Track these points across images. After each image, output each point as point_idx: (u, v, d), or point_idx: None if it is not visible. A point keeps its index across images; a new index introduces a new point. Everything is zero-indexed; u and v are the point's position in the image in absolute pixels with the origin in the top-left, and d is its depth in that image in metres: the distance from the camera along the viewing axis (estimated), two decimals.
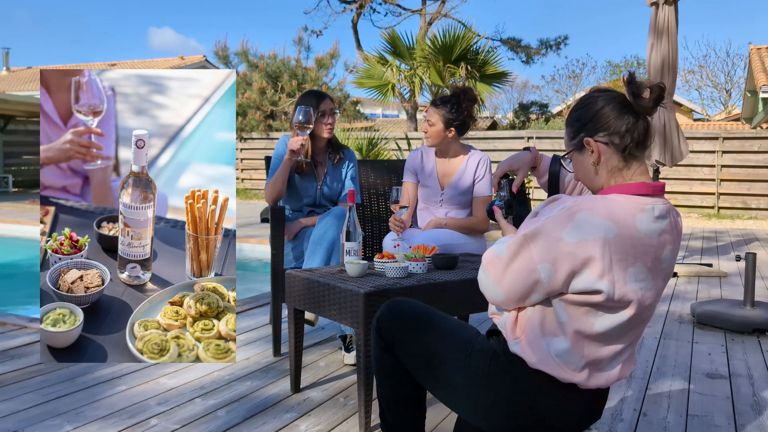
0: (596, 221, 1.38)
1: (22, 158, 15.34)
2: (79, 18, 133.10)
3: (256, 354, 2.98)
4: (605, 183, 1.51)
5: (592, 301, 1.41)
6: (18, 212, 9.98)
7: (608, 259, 1.38)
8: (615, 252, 1.38)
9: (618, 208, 1.41)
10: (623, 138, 1.47)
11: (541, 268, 1.41)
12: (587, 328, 1.43)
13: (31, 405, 2.32)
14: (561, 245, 1.38)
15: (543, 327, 1.47)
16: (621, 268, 1.40)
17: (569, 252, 1.38)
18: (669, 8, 5.30)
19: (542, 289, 1.43)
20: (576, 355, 1.45)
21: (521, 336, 1.50)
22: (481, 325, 3.53)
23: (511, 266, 1.46)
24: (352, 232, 2.43)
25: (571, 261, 1.38)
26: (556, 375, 1.47)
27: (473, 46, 12.10)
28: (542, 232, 1.41)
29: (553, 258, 1.39)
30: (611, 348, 1.47)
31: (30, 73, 24.59)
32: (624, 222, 1.40)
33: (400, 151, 9.67)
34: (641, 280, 1.43)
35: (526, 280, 1.44)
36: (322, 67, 15.28)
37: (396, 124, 22.56)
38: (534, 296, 1.45)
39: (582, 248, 1.37)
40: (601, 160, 1.49)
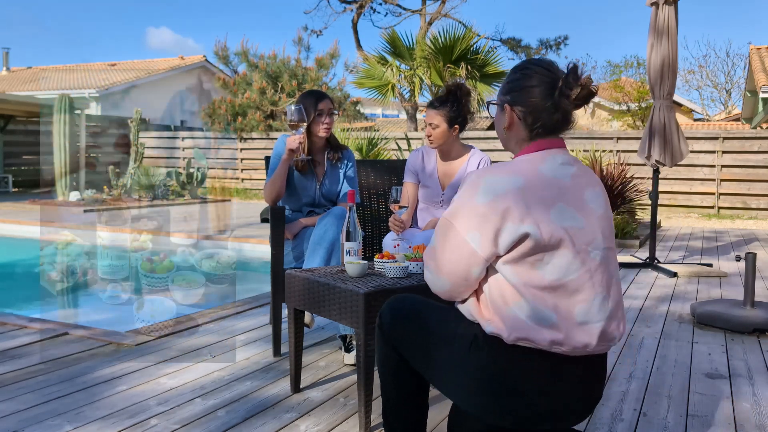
0: (501, 179, 1.48)
1: (22, 158, 15.32)
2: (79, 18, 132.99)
3: (256, 354, 2.98)
4: (512, 147, 1.63)
5: (526, 250, 1.44)
6: (18, 212, 9.98)
7: (523, 204, 1.44)
8: (529, 197, 1.45)
9: (518, 165, 1.52)
10: (536, 120, 1.56)
11: (469, 238, 1.47)
12: (539, 280, 1.46)
13: (31, 405, 2.32)
14: (477, 210, 1.46)
15: (504, 297, 1.49)
16: (540, 210, 1.45)
17: (486, 212, 1.45)
18: (669, 8, 5.30)
19: (478, 259, 1.47)
20: (544, 311, 1.46)
21: (490, 315, 1.52)
22: None
23: (445, 250, 1.52)
24: (352, 232, 2.43)
25: (491, 219, 1.44)
26: (534, 338, 1.46)
27: (473, 46, 12.10)
28: (458, 207, 1.50)
29: (475, 224, 1.46)
30: (580, 297, 1.48)
31: (30, 73, 24.58)
32: (528, 173, 1.49)
33: (400, 151, 9.67)
34: (568, 219, 1.47)
35: (460, 256, 1.49)
36: (322, 67, 15.27)
37: (396, 124, 22.56)
38: (475, 270, 1.49)
39: (496, 204, 1.45)
40: (512, 128, 1.60)
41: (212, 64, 21.92)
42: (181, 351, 2.99)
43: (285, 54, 16.47)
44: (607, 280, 1.53)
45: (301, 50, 15.94)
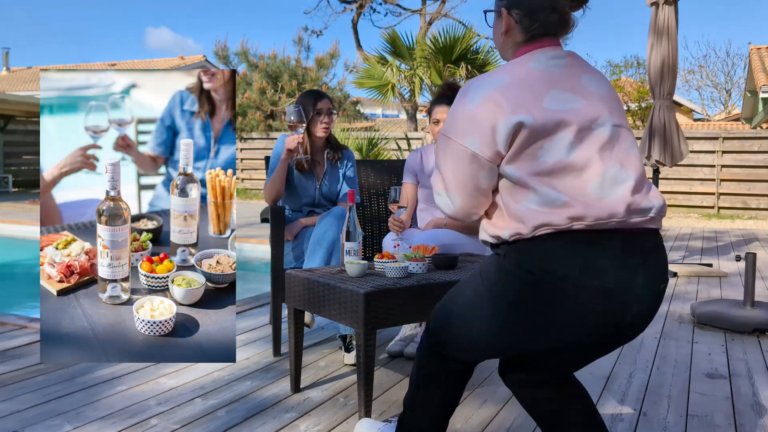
0: (487, 80, 1.46)
1: (22, 158, 15.33)
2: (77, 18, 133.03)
3: (256, 354, 2.98)
4: (509, 54, 1.59)
5: (523, 140, 1.40)
6: (18, 212, 9.98)
7: (513, 97, 1.41)
8: (518, 90, 1.42)
9: (506, 67, 1.49)
10: (533, 21, 1.52)
11: (467, 144, 1.44)
12: (542, 165, 1.41)
13: (31, 405, 2.32)
14: (468, 114, 1.44)
15: (514, 197, 1.45)
16: (533, 99, 1.41)
17: (477, 114, 1.43)
18: (669, 8, 5.30)
19: (482, 162, 1.45)
20: (553, 193, 1.40)
21: (506, 222, 1.47)
22: None
23: (447, 165, 1.50)
24: (352, 232, 2.43)
25: (484, 118, 1.42)
26: (551, 221, 1.38)
27: (473, 46, 12.09)
28: (450, 120, 1.49)
29: (470, 128, 1.44)
30: (589, 173, 1.40)
31: (30, 73, 24.59)
32: (516, 71, 1.46)
33: (400, 151, 9.67)
34: (565, 102, 1.43)
35: (464, 165, 1.46)
36: (322, 67, 15.28)
37: (396, 124, 22.56)
38: (482, 176, 1.46)
39: (486, 105, 1.42)
40: (509, 33, 1.56)
41: (212, 63, 21.93)
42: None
43: (285, 54, 16.50)
44: (620, 154, 1.44)
45: (301, 50, 15.95)
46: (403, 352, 2.95)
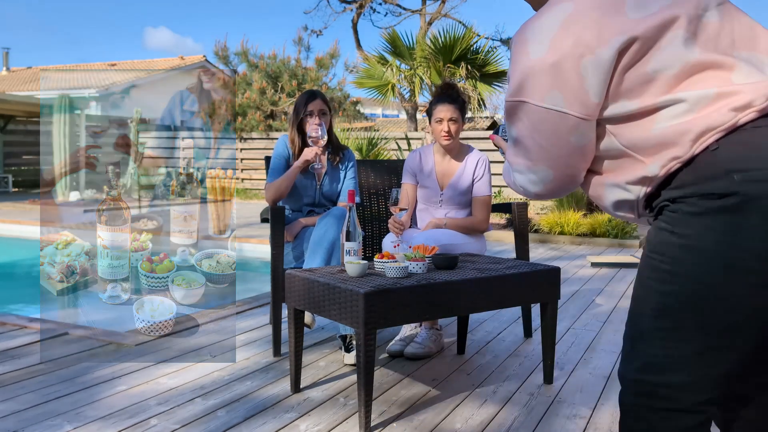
0: (546, 17, 1.15)
1: (22, 158, 15.33)
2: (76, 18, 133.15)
3: (256, 354, 2.98)
4: None
5: (624, 68, 1.11)
6: (18, 212, 9.98)
7: (590, 23, 1.11)
8: (593, 13, 1.12)
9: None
10: None
11: (548, 103, 1.14)
12: (663, 80, 1.10)
13: (31, 405, 2.32)
14: (538, 65, 1.14)
15: (640, 126, 1.12)
16: (614, 16, 1.11)
17: (551, 61, 1.12)
18: None
19: (573, 121, 1.14)
20: (695, 93, 1.08)
21: (636, 160, 1.15)
22: (481, 325, 3.54)
23: (525, 135, 1.19)
24: (352, 232, 2.43)
25: (564, 66, 1.12)
26: (713, 124, 1.06)
27: (473, 46, 12.09)
28: (516, 80, 1.17)
29: (547, 83, 1.14)
30: (722, 66, 1.10)
31: (30, 73, 24.58)
32: None
33: (400, 151, 9.67)
34: (650, 3, 1.12)
35: (549, 130, 1.17)
36: (322, 67, 15.27)
37: (396, 124, 22.56)
38: (575, 138, 1.16)
39: (558, 44, 1.12)
40: None
41: (212, 63, 21.93)
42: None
43: (285, 54, 16.49)
44: (743, 32, 1.14)
45: (301, 50, 15.94)
46: (403, 352, 2.95)
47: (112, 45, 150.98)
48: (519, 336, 3.35)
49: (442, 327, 3.24)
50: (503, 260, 2.78)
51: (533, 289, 2.54)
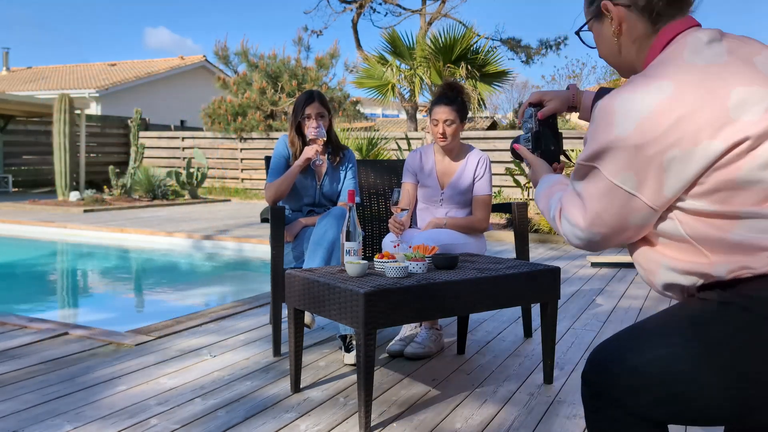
0: (642, 94, 1.07)
1: (22, 158, 15.32)
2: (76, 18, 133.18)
3: (256, 354, 2.98)
4: (633, 59, 1.24)
5: (717, 171, 1.05)
6: (18, 212, 9.98)
7: (687, 113, 1.04)
8: (692, 101, 1.05)
9: (655, 68, 1.11)
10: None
11: (620, 181, 1.10)
12: (739, 178, 1.05)
13: (31, 405, 2.32)
14: (621, 143, 1.08)
15: (713, 225, 1.09)
16: (715, 110, 1.03)
17: (634, 144, 1.07)
18: None
19: (639, 205, 1.11)
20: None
21: (703, 255, 1.11)
22: (481, 325, 3.54)
23: (585, 197, 1.16)
24: (352, 232, 2.43)
25: (648, 153, 1.07)
26: None
27: (473, 46, 12.09)
28: (594, 147, 1.12)
29: (624, 162, 1.09)
30: None
31: (30, 73, 24.58)
32: (673, 71, 1.08)
33: (400, 151, 9.67)
34: (756, 100, 1.04)
35: (611, 204, 1.13)
36: (322, 67, 15.27)
37: (396, 124, 22.56)
38: (635, 218, 1.13)
39: (647, 130, 1.06)
40: (622, 30, 1.22)
41: (212, 63, 21.93)
42: (181, 351, 2.99)
43: (285, 54, 16.48)
44: None
45: (301, 50, 15.93)
46: (403, 352, 2.95)
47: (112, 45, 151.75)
48: (519, 336, 3.35)
49: (442, 327, 3.24)
50: (503, 260, 2.78)
51: (533, 289, 2.54)
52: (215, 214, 10.19)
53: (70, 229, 8.34)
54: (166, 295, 5.44)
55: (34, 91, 20.11)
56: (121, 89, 20.32)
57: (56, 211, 10.24)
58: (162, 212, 10.37)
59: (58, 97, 11.81)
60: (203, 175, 13.16)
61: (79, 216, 9.60)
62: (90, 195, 11.17)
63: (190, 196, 12.94)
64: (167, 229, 7.91)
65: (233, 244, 7.14)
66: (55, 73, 23.67)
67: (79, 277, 6.43)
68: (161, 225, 8.45)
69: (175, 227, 8.15)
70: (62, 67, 24.83)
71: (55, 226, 8.49)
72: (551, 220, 1.30)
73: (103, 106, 19.81)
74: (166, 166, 14.84)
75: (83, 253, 7.80)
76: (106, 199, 11.34)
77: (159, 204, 11.60)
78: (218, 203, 12.61)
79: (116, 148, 16.29)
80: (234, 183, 14.70)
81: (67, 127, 11.70)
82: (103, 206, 10.61)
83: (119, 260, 7.31)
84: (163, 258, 7.29)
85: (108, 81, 20.55)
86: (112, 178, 12.07)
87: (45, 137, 15.01)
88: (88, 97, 18.02)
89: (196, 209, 11.07)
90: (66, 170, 11.69)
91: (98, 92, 19.55)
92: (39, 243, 8.24)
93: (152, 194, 12.23)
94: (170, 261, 7.19)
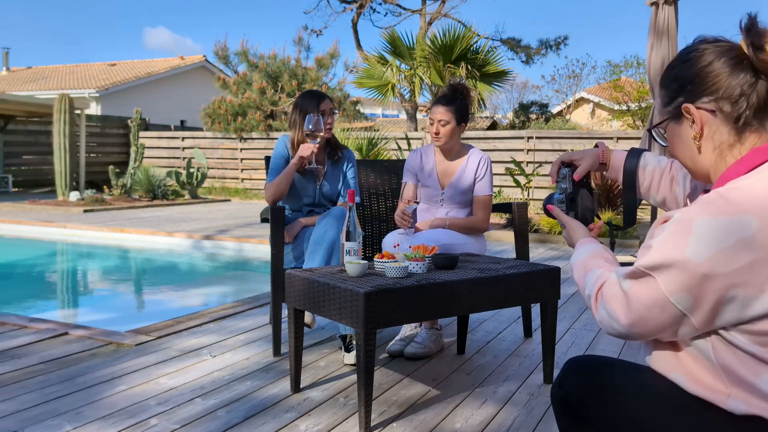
0: (723, 222, 1.03)
1: (22, 158, 15.31)
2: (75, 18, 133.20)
3: (256, 354, 2.98)
4: (711, 164, 1.19)
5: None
6: (18, 212, 9.97)
7: (762, 262, 1.02)
8: (766, 243, 1.02)
9: (742, 194, 1.06)
10: (736, 104, 1.13)
11: (675, 300, 1.08)
12: None
13: (31, 405, 2.32)
14: (688, 266, 1.05)
15: (744, 364, 1.08)
16: None
17: (702, 272, 1.04)
18: (669, 8, 5.30)
19: (687, 323, 1.09)
20: None
21: (724, 385, 1.11)
22: (481, 325, 3.54)
23: (641, 302, 1.12)
24: (352, 232, 2.43)
25: (711, 284, 1.04)
26: None
27: (473, 46, 12.09)
28: (660, 257, 1.09)
29: (685, 284, 1.06)
30: None
31: (30, 73, 24.58)
32: (761, 206, 1.04)
33: (400, 151, 9.68)
34: None
35: (660, 316, 1.10)
36: (322, 67, 15.27)
37: (396, 124, 22.57)
38: (681, 331, 1.11)
39: (719, 262, 1.02)
40: (704, 134, 1.17)
41: (212, 63, 21.93)
42: (181, 351, 2.99)
43: (285, 54, 16.49)
44: None
45: (301, 50, 15.93)
46: (403, 352, 2.95)
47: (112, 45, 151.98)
48: (519, 336, 3.35)
49: (442, 327, 3.24)
50: (503, 260, 2.78)
51: (533, 289, 2.54)
52: (215, 214, 10.19)
53: (70, 229, 8.34)
54: (166, 295, 5.44)
55: (34, 91, 20.11)
56: (121, 89, 20.32)
57: (56, 211, 10.24)
58: (162, 212, 10.37)
59: (58, 97, 11.81)
60: (203, 175, 13.16)
61: (79, 216, 9.60)
62: (90, 195, 11.17)
63: (190, 196, 12.95)
64: (167, 229, 7.91)
65: (233, 244, 7.14)
66: (55, 73, 23.67)
67: (79, 277, 6.43)
68: (161, 225, 8.45)
69: (175, 227, 8.15)
70: (62, 67, 24.82)
71: (55, 226, 8.50)
72: (586, 297, 1.27)
73: (103, 106, 19.81)
74: (166, 166, 14.84)
75: (83, 253, 7.80)
76: (106, 199, 11.34)
77: (159, 204, 11.60)
78: (218, 203, 12.61)
79: (116, 148, 16.29)
80: (234, 183, 14.70)
81: (67, 127, 11.70)
82: (103, 206, 10.61)
83: (119, 260, 7.31)
84: (163, 258, 7.29)
85: (108, 81, 20.55)
86: (112, 178, 12.07)
87: (45, 137, 15.00)
88: (88, 97, 18.02)
89: (196, 209, 11.07)
90: (66, 170, 11.69)
91: (98, 92, 19.55)
92: (39, 243, 8.23)
93: (152, 194, 12.23)
94: (170, 261, 7.19)
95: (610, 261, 1.32)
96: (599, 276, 1.24)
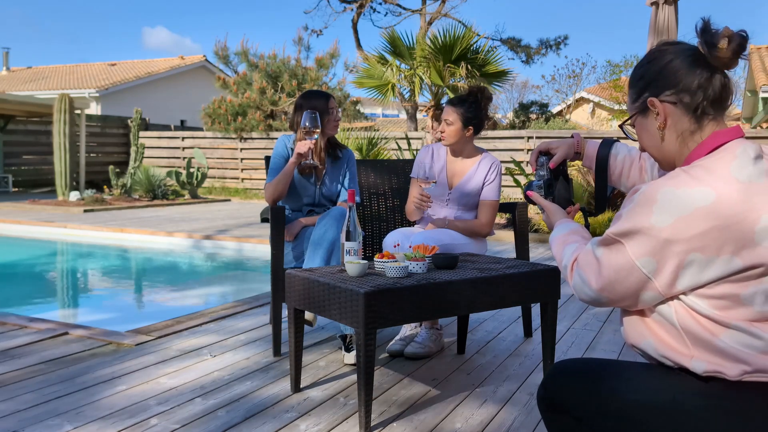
0: (685, 192, 1.15)
1: (22, 158, 15.31)
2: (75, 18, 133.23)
3: (256, 354, 2.98)
4: (675, 151, 1.31)
5: (732, 278, 1.16)
6: (18, 212, 9.98)
7: (720, 226, 1.13)
8: (727, 216, 1.13)
9: (702, 170, 1.18)
10: (694, 95, 1.26)
11: (641, 264, 1.20)
12: (748, 313, 1.18)
13: (31, 405, 2.32)
14: (652, 232, 1.17)
15: (703, 326, 1.19)
16: (740, 233, 1.13)
17: (665, 237, 1.16)
18: (669, 8, 5.30)
19: (652, 287, 1.21)
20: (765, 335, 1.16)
21: (687, 348, 1.22)
22: (481, 325, 3.54)
23: (604, 265, 1.25)
24: (352, 231, 2.43)
25: (674, 249, 1.16)
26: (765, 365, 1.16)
27: (473, 46, 12.08)
28: (627, 225, 1.21)
29: (650, 249, 1.18)
30: None
31: (30, 73, 24.58)
32: (719, 181, 1.16)
33: (400, 151, 9.68)
34: None
35: (627, 279, 1.22)
36: (322, 67, 15.27)
37: (396, 124, 22.57)
38: (645, 296, 1.23)
39: (680, 228, 1.14)
40: (667, 124, 1.30)
41: (212, 63, 21.92)
42: (181, 351, 2.99)
43: (285, 54, 16.49)
44: None
45: (301, 50, 15.94)
46: (403, 352, 2.95)
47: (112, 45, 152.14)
48: (519, 336, 3.35)
49: (442, 327, 3.24)
50: (503, 260, 2.78)
51: (533, 289, 2.54)
52: (215, 214, 10.19)
53: (70, 228, 8.34)
54: (166, 295, 5.44)
55: (34, 91, 20.10)
56: (121, 89, 20.32)
57: (56, 211, 10.24)
58: (162, 212, 10.37)
59: (58, 97, 11.81)
60: (203, 175, 13.16)
61: (79, 216, 9.60)
62: (90, 195, 11.17)
63: (190, 196, 12.95)
64: (167, 229, 7.91)
65: (233, 244, 7.14)
66: (55, 73, 23.66)
67: (79, 276, 6.43)
68: (161, 225, 8.45)
69: (175, 227, 8.15)
70: (62, 67, 24.82)
71: (55, 225, 8.49)
72: (562, 268, 1.39)
73: (103, 106, 19.81)
74: (166, 166, 14.84)
75: (83, 253, 7.80)
76: (106, 199, 11.34)
77: (159, 204, 11.60)
78: (218, 203, 12.61)
79: (116, 148, 16.29)
80: (234, 183, 14.70)
81: (67, 127, 11.70)
82: (103, 206, 10.61)
83: (119, 260, 7.31)
84: (163, 258, 7.29)
85: (108, 81, 20.55)
86: (112, 178, 12.07)
87: (45, 137, 15.00)
88: (88, 97, 18.02)
89: (196, 209, 11.07)
90: (66, 170, 11.69)
91: (98, 92, 19.55)
92: (39, 243, 8.23)
93: (152, 194, 12.23)
94: (170, 261, 7.19)
95: (586, 238, 1.45)
96: (576, 248, 1.39)
